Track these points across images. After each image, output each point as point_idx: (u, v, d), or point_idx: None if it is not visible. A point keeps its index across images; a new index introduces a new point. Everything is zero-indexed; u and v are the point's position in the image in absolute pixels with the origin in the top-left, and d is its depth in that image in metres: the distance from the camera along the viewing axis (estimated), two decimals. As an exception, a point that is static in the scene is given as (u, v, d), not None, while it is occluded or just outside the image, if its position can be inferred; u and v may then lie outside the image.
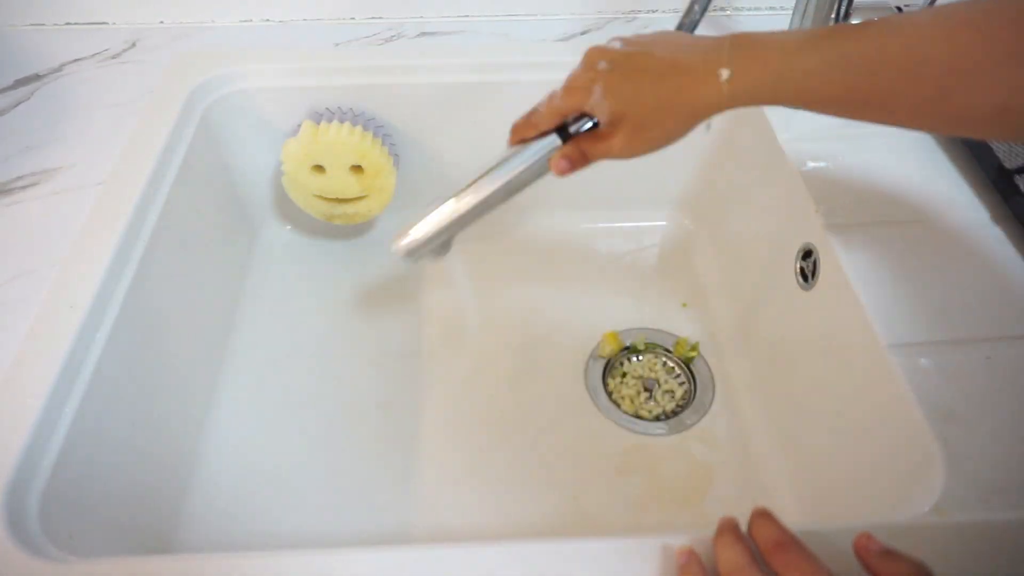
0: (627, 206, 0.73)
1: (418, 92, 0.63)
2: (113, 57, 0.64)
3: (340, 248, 0.72)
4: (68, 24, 0.67)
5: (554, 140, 0.42)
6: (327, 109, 0.63)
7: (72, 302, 0.44)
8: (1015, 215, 0.49)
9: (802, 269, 0.54)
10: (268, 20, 0.68)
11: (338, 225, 0.70)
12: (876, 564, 0.30)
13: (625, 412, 0.60)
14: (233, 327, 0.65)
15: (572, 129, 0.42)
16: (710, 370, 0.63)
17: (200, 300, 0.60)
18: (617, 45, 0.40)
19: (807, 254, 0.53)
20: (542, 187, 0.71)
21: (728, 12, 0.69)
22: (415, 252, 0.46)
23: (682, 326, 0.66)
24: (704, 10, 0.52)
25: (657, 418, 0.60)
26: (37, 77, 0.62)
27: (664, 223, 0.74)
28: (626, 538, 0.35)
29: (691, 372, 0.63)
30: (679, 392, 0.62)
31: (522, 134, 0.44)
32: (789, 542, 0.31)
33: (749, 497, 0.55)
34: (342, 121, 0.60)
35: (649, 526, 0.53)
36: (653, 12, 0.69)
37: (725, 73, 0.35)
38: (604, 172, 0.70)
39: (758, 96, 0.35)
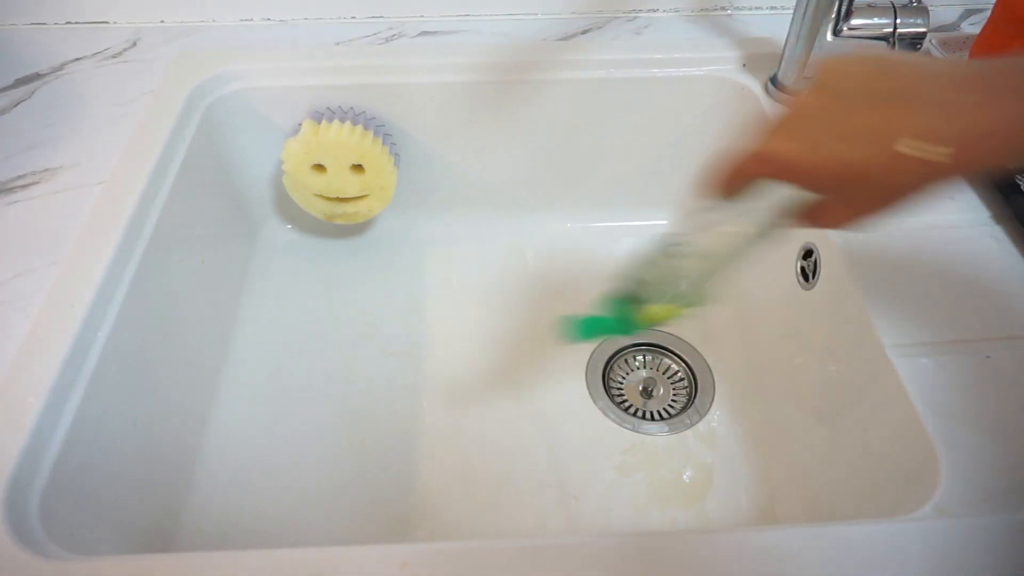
0: (628, 206, 0.73)
1: (419, 91, 0.63)
2: (114, 56, 0.64)
3: (341, 247, 0.72)
4: (69, 23, 0.67)
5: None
6: (328, 108, 0.63)
7: (73, 301, 0.44)
8: (1016, 215, 0.49)
9: (803, 269, 0.54)
10: (269, 19, 0.68)
11: (339, 224, 0.70)
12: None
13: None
14: (234, 326, 0.65)
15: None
16: (710, 370, 0.63)
17: (201, 299, 0.60)
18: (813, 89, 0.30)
19: (808, 253, 0.53)
20: (542, 187, 0.71)
21: (729, 12, 0.69)
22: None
23: (683, 325, 0.66)
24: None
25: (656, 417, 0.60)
26: (38, 76, 0.62)
27: (664, 223, 0.74)
28: (627, 536, 0.35)
29: (692, 372, 0.63)
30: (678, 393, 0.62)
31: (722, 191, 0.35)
32: None
33: (749, 497, 0.55)
34: (343, 120, 0.60)
35: (649, 526, 0.53)
36: (654, 12, 0.69)
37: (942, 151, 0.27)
38: (605, 172, 0.71)
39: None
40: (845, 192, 0.30)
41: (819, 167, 0.29)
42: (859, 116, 0.29)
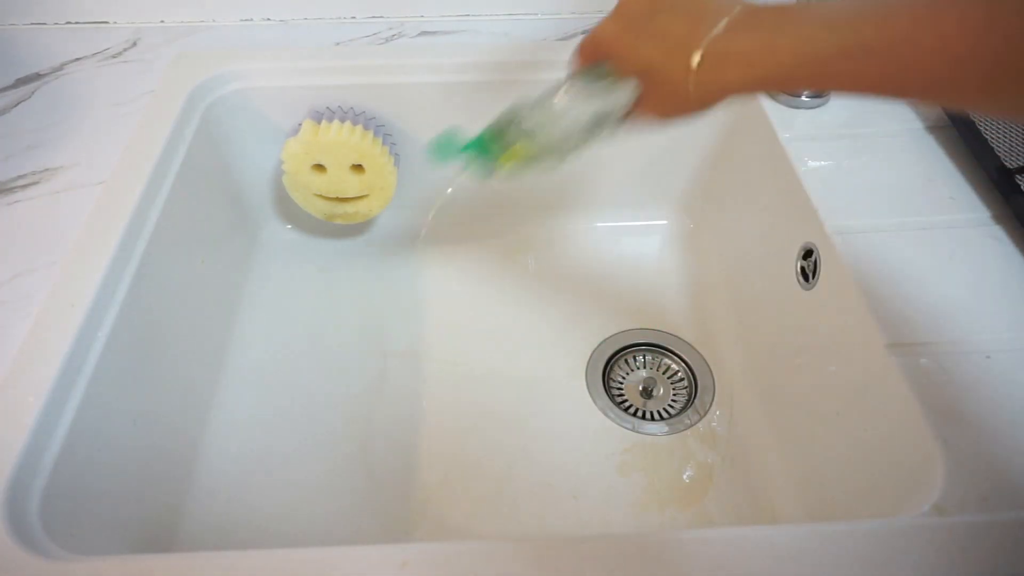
0: (628, 206, 0.73)
1: (418, 91, 0.63)
2: (114, 56, 0.64)
3: (341, 247, 0.72)
4: (69, 23, 0.67)
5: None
6: (328, 108, 0.63)
7: (73, 301, 0.44)
8: (1016, 215, 0.49)
9: (803, 269, 0.54)
10: (269, 19, 0.68)
11: (339, 224, 0.70)
12: None
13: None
14: (233, 326, 0.65)
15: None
16: (710, 370, 0.63)
17: (201, 299, 0.60)
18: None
19: (808, 253, 0.53)
20: (542, 187, 0.71)
21: (729, 12, 0.69)
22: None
23: (682, 326, 0.66)
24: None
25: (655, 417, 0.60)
26: (38, 76, 0.62)
27: (665, 222, 0.74)
28: (627, 536, 0.35)
29: (692, 372, 0.63)
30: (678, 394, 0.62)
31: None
32: None
33: (749, 497, 0.55)
34: (343, 120, 0.60)
35: (649, 526, 0.53)
36: (654, 12, 0.69)
37: (695, 58, 0.33)
38: (605, 171, 0.71)
39: (745, 84, 0.33)
40: (648, 83, 0.37)
41: (629, 53, 0.37)
42: (664, 22, 0.35)
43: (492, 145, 0.45)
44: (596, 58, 0.40)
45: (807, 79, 0.32)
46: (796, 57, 0.31)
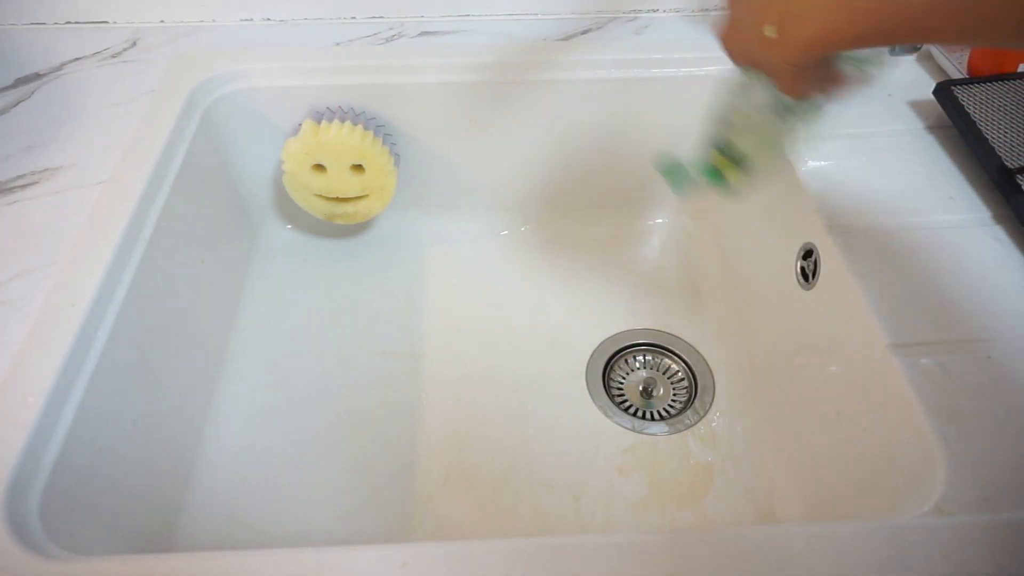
0: (627, 205, 0.73)
1: (419, 92, 0.63)
2: (114, 56, 0.64)
3: (340, 247, 0.72)
4: (69, 23, 0.67)
5: None
6: (328, 108, 0.63)
7: (73, 301, 0.44)
8: (1016, 215, 0.49)
9: (803, 269, 0.54)
10: (269, 19, 0.68)
11: (339, 224, 0.70)
12: None
13: None
14: (233, 326, 0.65)
15: None
16: (710, 370, 0.63)
17: (200, 299, 0.60)
18: None
19: (808, 253, 0.53)
20: (542, 187, 0.71)
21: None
22: None
23: (682, 326, 0.66)
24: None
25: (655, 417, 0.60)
26: (37, 76, 0.62)
27: (664, 222, 0.74)
28: (627, 536, 0.35)
29: (692, 372, 0.63)
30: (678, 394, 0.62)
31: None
32: None
33: (749, 497, 0.55)
34: (343, 120, 0.60)
35: (649, 526, 0.53)
36: (654, 12, 0.69)
37: (769, 29, 0.34)
38: (605, 172, 0.71)
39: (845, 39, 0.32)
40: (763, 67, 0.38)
41: (736, 51, 0.39)
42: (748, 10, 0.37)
43: (712, 164, 0.45)
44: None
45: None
46: None
